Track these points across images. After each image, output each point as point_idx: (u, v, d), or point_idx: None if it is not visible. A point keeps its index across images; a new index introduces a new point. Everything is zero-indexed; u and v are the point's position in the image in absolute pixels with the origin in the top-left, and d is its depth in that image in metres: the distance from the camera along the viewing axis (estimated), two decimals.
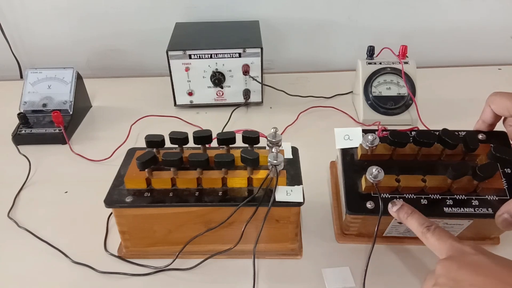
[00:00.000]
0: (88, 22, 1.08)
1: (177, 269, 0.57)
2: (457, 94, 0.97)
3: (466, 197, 0.52)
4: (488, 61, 1.13)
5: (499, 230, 0.56)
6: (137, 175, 0.54)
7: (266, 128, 0.63)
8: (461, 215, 0.51)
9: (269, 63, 1.13)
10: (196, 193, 0.54)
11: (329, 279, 0.55)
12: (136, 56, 1.13)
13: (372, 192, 0.53)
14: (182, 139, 0.57)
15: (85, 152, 0.81)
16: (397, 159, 0.55)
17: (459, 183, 0.51)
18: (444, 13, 1.08)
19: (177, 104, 0.94)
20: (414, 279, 0.55)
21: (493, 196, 0.51)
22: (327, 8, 1.07)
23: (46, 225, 0.64)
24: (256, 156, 0.52)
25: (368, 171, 0.51)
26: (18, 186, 0.73)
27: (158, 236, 0.57)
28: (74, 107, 0.87)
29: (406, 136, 0.54)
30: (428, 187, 0.51)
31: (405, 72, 0.84)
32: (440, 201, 0.51)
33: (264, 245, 0.58)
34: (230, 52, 0.87)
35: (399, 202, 0.50)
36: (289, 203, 0.52)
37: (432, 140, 0.53)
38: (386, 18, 1.08)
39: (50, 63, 1.11)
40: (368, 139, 0.54)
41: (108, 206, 0.53)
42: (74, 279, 0.56)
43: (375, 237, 0.51)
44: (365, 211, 0.52)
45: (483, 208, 0.51)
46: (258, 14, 1.06)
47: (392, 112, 0.85)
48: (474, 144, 0.53)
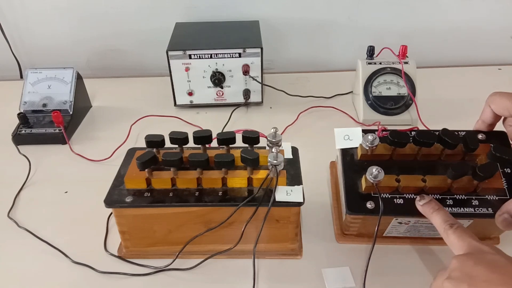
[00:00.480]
0: (88, 22, 1.08)
1: (177, 269, 0.57)
2: (457, 94, 0.97)
3: (466, 197, 0.52)
4: (488, 61, 1.13)
5: (499, 230, 0.56)
6: (137, 175, 0.54)
7: (266, 128, 0.63)
8: (461, 215, 0.51)
9: (269, 63, 1.13)
10: (196, 193, 0.54)
11: (329, 279, 0.55)
12: (136, 56, 1.13)
13: (372, 192, 0.53)
14: (182, 139, 0.57)
15: (85, 152, 0.81)
16: (397, 159, 0.55)
17: (459, 183, 0.51)
18: (444, 13, 1.08)
19: (177, 104, 0.94)
20: (414, 279, 0.55)
21: (493, 196, 0.51)
22: (327, 8, 1.07)
23: (46, 225, 0.64)
24: (256, 156, 0.52)
25: (368, 171, 0.51)
26: (18, 186, 0.73)
27: (158, 236, 0.57)
28: (74, 107, 0.87)
29: (406, 136, 0.54)
30: (428, 187, 0.51)
31: (405, 72, 0.84)
32: (440, 201, 0.51)
33: (264, 245, 0.58)
34: (230, 52, 0.87)
35: (428, 197, 0.50)
36: (289, 203, 0.52)
37: (432, 140, 0.53)
38: (386, 18, 1.08)
39: (50, 63, 1.11)
40: (368, 139, 0.54)
41: (108, 206, 0.53)
42: (74, 279, 0.56)
43: (375, 237, 0.51)
44: (365, 211, 0.52)
45: (483, 208, 0.51)
46: (258, 14, 1.06)
47: (392, 112, 0.85)
48: (474, 144, 0.53)
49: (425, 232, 0.57)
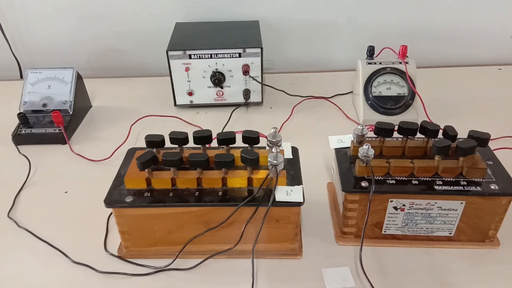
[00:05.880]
0: (88, 22, 1.08)
1: (177, 269, 0.57)
2: (457, 94, 0.97)
3: (454, 179, 0.55)
4: (488, 61, 1.13)
5: (491, 217, 0.56)
6: (137, 175, 0.54)
7: (266, 128, 0.63)
8: (453, 192, 0.54)
9: (269, 63, 1.13)
10: (196, 193, 0.54)
11: (329, 279, 0.55)
12: (136, 56, 1.13)
13: (365, 175, 0.56)
14: (182, 139, 0.57)
15: (85, 152, 0.81)
16: (386, 154, 0.60)
17: (445, 164, 0.55)
18: (444, 13, 1.08)
19: (177, 104, 0.94)
20: (414, 279, 0.55)
21: (479, 179, 0.55)
22: (327, 8, 1.07)
23: (46, 225, 0.64)
24: (256, 156, 0.52)
25: (360, 151, 0.55)
26: (18, 186, 0.73)
27: (158, 236, 0.57)
28: (74, 107, 0.87)
29: (390, 124, 0.59)
30: (416, 167, 0.55)
31: (405, 72, 0.84)
32: (430, 183, 0.55)
33: (264, 245, 0.58)
34: (230, 52, 0.87)
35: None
36: (289, 203, 0.52)
37: (414, 127, 0.58)
38: (386, 18, 1.08)
39: (50, 63, 1.11)
40: (358, 129, 0.59)
41: (108, 206, 0.53)
42: (74, 279, 0.56)
43: (367, 218, 0.54)
44: (360, 188, 0.55)
45: (472, 187, 0.54)
46: (258, 14, 1.06)
47: (392, 112, 0.85)
48: (453, 131, 0.57)
49: (422, 224, 0.58)
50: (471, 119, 0.60)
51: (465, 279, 0.55)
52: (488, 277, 0.55)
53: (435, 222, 0.57)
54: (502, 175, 0.56)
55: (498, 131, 0.80)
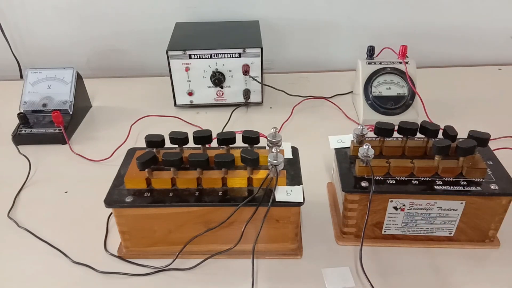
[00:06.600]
0: (88, 22, 1.08)
1: (177, 269, 0.57)
2: (457, 94, 0.97)
3: (454, 179, 0.55)
4: (488, 61, 1.13)
5: (491, 217, 0.56)
6: (137, 175, 0.54)
7: (266, 128, 0.63)
8: (453, 192, 0.54)
9: (269, 63, 1.13)
10: (196, 193, 0.54)
11: (329, 279, 0.55)
12: (136, 56, 1.13)
13: (365, 175, 0.56)
14: (182, 139, 0.57)
15: (85, 152, 0.81)
16: (386, 154, 0.59)
17: (445, 164, 0.55)
18: (444, 13, 1.08)
19: (177, 104, 0.94)
20: (414, 279, 0.55)
21: (479, 179, 0.55)
22: (327, 8, 1.07)
23: (46, 225, 0.64)
24: (256, 156, 0.52)
25: (360, 151, 0.55)
26: (18, 186, 0.73)
27: (158, 236, 0.57)
28: (74, 107, 0.87)
29: (390, 124, 0.59)
30: (416, 167, 0.55)
31: (405, 72, 0.84)
32: (430, 184, 0.55)
33: (264, 245, 0.58)
34: (230, 52, 0.87)
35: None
36: (289, 203, 0.52)
37: (414, 127, 0.58)
38: (386, 18, 1.08)
39: (50, 63, 1.11)
40: (358, 129, 0.59)
41: (108, 206, 0.53)
42: (74, 279, 0.56)
43: (367, 218, 0.54)
44: (360, 188, 0.55)
45: (472, 187, 0.54)
46: (258, 14, 1.06)
47: (392, 112, 0.85)
48: (453, 131, 0.57)
49: (422, 224, 0.58)
50: (471, 119, 0.60)
51: (465, 279, 0.55)
52: (488, 277, 0.55)
53: (435, 222, 0.57)
54: (502, 175, 0.56)
55: (498, 131, 0.80)
